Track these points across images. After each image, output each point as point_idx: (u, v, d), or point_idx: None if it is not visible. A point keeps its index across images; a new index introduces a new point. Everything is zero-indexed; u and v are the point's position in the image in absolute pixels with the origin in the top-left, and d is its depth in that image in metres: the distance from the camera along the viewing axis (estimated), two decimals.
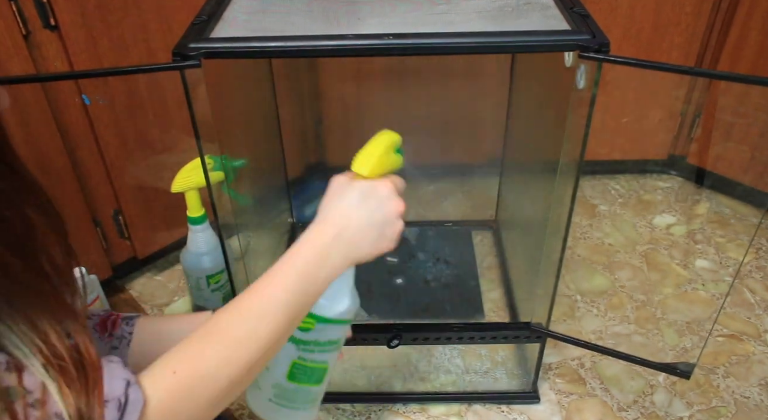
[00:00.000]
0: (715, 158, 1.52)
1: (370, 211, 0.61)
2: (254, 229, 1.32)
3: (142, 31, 1.07)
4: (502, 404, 1.08)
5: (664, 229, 1.47)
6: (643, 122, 1.51)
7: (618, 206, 1.55)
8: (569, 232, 0.86)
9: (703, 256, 1.40)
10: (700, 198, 1.58)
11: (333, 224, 0.60)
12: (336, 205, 0.61)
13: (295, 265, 0.58)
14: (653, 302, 1.28)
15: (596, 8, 1.34)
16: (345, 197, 0.62)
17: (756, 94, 1.37)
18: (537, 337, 1.00)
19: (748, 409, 1.07)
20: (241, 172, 1.11)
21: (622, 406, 1.08)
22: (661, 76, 1.45)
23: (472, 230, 1.45)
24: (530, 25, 0.74)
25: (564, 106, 0.77)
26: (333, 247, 0.59)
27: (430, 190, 1.61)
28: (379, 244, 0.63)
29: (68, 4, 0.97)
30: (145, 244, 1.29)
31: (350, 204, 0.61)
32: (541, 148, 1.00)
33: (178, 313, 0.67)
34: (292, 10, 0.80)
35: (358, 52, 0.73)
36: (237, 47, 0.72)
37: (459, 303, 1.25)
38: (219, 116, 0.79)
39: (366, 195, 0.62)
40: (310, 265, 0.58)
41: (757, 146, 1.42)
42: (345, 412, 1.07)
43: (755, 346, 1.19)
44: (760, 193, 1.49)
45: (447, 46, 0.73)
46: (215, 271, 1.14)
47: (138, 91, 1.11)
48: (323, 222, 0.60)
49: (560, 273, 0.91)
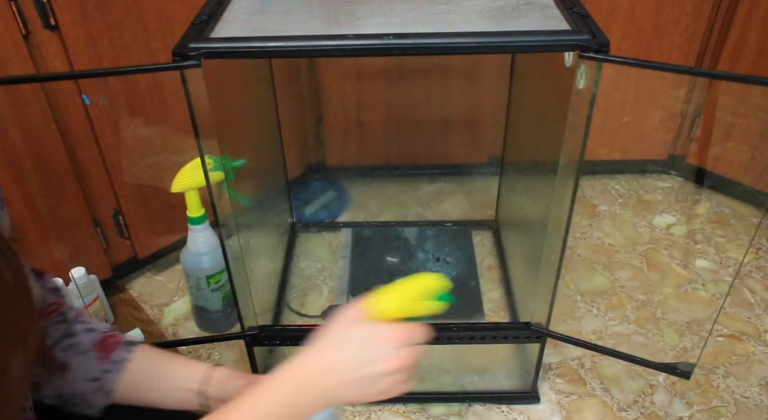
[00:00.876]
0: (715, 158, 1.52)
1: (366, 359, 0.55)
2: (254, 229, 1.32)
3: (142, 31, 1.07)
4: (502, 404, 1.08)
5: (664, 229, 1.47)
6: (643, 122, 1.51)
7: (618, 206, 1.55)
8: (569, 232, 0.86)
9: (703, 256, 1.40)
10: (700, 198, 1.58)
11: (323, 360, 0.55)
12: (334, 342, 0.56)
13: (272, 397, 0.54)
14: (653, 302, 1.28)
15: (596, 8, 1.35)
16: (345, 336, 0.56)
17: (756, 94, 1.37)
18: (537, 337, 1.00)
19: (748, 409, 1.07)
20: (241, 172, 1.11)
21: (622, 406, 1.08)
22: (661, 76, 1.45)
23: (472, 230, 1.45)
24: (530, 25, 0.74)
25: (564, 106, 0.77)
26: (317, 385, 0.55)
27: (430, 190, 1.62)
28: (367, 394, 0.56)
29: (68, 4, 0.97)
30: (145, 244, 1.29)
31: (347, 346, 0.56)
32: (541, 148, 1.00)
33: (179, 356, 0.65)
34: (292, 10, 0.80)
35: (358, 52, 0.73)
36: (237, 47, 0.72)
37: (459, 303, 1.25)
38: (219, 116, 0.79)
39: (367, 342, 0.55)
40: (287, 398, 0.54)
41: (757, 146, 1.42)
42: (345, 412, 1.07)
43: (755, 346, 1.19)
44: (760, 193, 1.49)
45: (447, 46, 0.73)
46: (215, 271, 1.14)
47: (138, 91, 1.11)
48: (314, 356, 0.56)
49: (560, 273, 0.91)
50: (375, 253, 1.38)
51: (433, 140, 1.57)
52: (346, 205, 1.56)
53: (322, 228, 1.48)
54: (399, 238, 1.42)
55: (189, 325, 1.24)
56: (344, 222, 1.49)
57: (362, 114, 1.51)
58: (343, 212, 1.54)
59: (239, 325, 0.99)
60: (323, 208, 1.55)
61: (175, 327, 1.24)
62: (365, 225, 1.47)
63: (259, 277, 1.22)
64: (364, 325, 0.56)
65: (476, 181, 1.64)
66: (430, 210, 1.55)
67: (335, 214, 1.53)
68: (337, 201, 1.57)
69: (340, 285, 1.30)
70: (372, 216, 1.53)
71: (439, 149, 1.60)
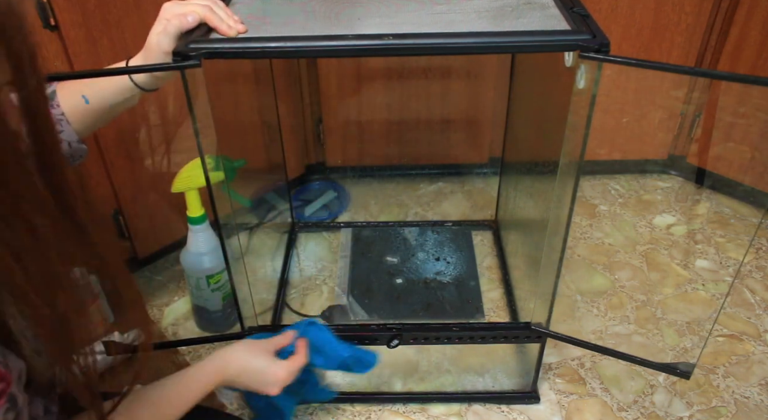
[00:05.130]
0: (715, 158, 1.52)
1: (259, 382, 0.87)
2: (254, 229, 1.32)
3: (142, 31, 1.07)
4: (502, 404, 1.09)
5: (664, 229, 1.47)
6: (643, 122, 1.51)
7: (618, 206, 1.55)
8: (569, 232, 0.86)
9: (703, 256, 1.40)
10: (700, 198, 1.58)
11: (237, 367, 0.85)
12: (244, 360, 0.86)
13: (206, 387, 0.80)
14: (653, 302, 1.28)
15: (596, 8, 1.35)
16: (251, 363, 0.86)
17: (756, 94, 1.37)
18: (537, 337, 1.00)
19: (748, 409, 1.07)
20: (241, 172, 1.11)
21: (622, 406, 1.08)
22: (661, 76, 1.45)
23: (472, 230, 1.45)
24: (530, 25, 0.74)
25: (564, 106, 0.77)
26: (231, 380, 0.84)
27: (430, 190, 1.62)
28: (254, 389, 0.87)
29: (68, 4, 0.97)
30: (145, 244, 1.29)
31: (251, 365, 0.86)
32: (541, 148, 1.00)
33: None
34: (292, 10, 0.80)
35: (358, 52, 0.73)
36: (237, 47, 0.72)
37: (459, 303, 1.25)
38: (219, 116, 0.79)
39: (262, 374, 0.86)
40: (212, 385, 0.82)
41: (757, 146, 1.42)
42: (345, 412, 1.07)
43: (755, 346, 1.19)
44: (760, 193, 1.49)
45: (447, 46, 0.73)
46: (215, 271, 1.14)
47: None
48: (234, 362, 0.85)
49: (560, 273, 0.91)
50: (375, 253, 1.38)
51: (433, 140, 1.57)
52: (346, 205, 1.56)
53: (322, 228, 1.48)
54: (399, 238, 1.42)
55: (189, 325, 1.24)
56: (344, 222, 1.49)
57: (362, 114, 1.51)
58: (343, 212, 1.54)
59: (239, 325, 0.99)
60: (323, 208, 1.55)
61: (175, 327, 1.24)
62: (365, 225, 1.47)
63: (259, 277, 1.23)
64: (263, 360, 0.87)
65: (476, 181, 1.64)
66: (430, 210, 1.55)
67: (335, 214, 1.53)
68: (337, 201, 1.57)
69: (340, 285, 1.30)
70: (372, 216, 1.53)
71: (439, 149, 1.60)
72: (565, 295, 1.30)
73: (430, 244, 1.40)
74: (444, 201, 1.58)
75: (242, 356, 0.85)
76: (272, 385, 0.85)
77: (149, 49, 0.73)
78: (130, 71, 0.75)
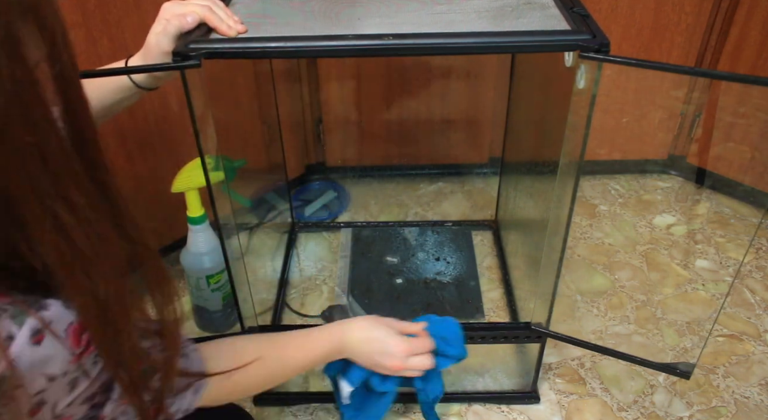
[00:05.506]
0: (715, 158, 1.52)
1: (379, 351, 0.83)
2: (254, 229, 1.32)
3: (141, 30, 1.07)
4: (502, 404, 1.09)
5: (664, 229, 1.47)
6: (643, 122, 1.51)
7: (618, 206, 1.55)
8: (569, 232, 0.86)
9: (703, 256, 1.40)
10: (700, 198, 1.58)
11: (360, 335, 0.84)
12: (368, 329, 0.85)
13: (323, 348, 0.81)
14: (653, 302, 1.28)
15: (596, 8, 1.35)
16: (375, 331, 0.85)
17: (756, 94, 1.37)
18: (537, 337, 1.00)
19: (748, 409, 1.07)
20: (241, 172, 1.11)
21: (622, 406, 1.08)
22: (661, 76, 1.45)
23: (472, 230, 1.45)
24: (530, 25, 0.74)
25: (564, 106, 0.77)
26: (349, 351, 0.83)
27: (430, 190, 1.62)
28: (370, 367, 0.85)
29: (68, 4, 0.97)
30: None
31: (374, 333, 0.84)
32: (541, 148, 1.00)
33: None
34: (292, 10, 0.80)
35: (358, 52, 0.73)
36: (237, 47, 0.72)
37: (459, 303, 1.25)
38: (219, 116, 0.79)
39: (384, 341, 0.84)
40: (332, 351, 0.83)
41: (757, 146, 1.42)
42: None
43: (755, 346, 1.19)
44: (761, 193, 1.49)
45: (447, 46, 0.73)
46: (215, 271, 1.14)
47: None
48: (357, 330, 0.83)
49: (560, 273, 0.91)
50: (375, 253, 1.38)
51: (433, 140, 1.57)
52: (346, 205, 1.56)
53: (322, 228, 1.48)
54: (399, 238, 1.42)
55: (189, 325, 1.24)
56: (344, 222, 1.49)
57: (362, 114, 1.51)
58: (343, 212, 1.54)
59: (239, 325, 0.99)
60: (323, 208, 1.55)
61: None
62: (365, 225, 1.47)
63: (259, 277, 1.23)
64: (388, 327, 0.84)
65: (476, 181, 1.64)
66: (430, 210, 1.55)
67: (335, 214, 1.53)
68: (337, 201, 1.57)
69: (340, 285, 1.30)
70: (372, 216, 1.53)
71: (439, 149, 1.60)
72: (565, 295, 1.30)
73: (430, 244, 1.41)
74: (444, 201, 1.58)
75: (366, 325, 0.83)
76: (393, 356, 0.81)
77: (148, 49, 0.73)
78: (129, 71, 0.75)
